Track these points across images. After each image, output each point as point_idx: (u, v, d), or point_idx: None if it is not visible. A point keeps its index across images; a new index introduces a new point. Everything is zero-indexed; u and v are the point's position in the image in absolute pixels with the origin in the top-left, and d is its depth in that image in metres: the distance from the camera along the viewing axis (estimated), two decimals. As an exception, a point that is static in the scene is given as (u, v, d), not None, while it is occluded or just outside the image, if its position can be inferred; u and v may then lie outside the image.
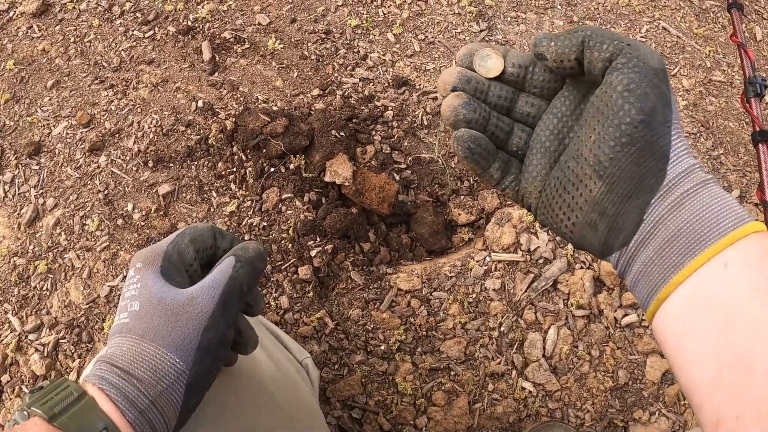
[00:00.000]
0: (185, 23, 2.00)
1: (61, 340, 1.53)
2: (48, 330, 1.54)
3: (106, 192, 1.67)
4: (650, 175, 0.62)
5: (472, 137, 0.72)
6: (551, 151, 0.73)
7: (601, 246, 0.67)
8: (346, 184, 1.58)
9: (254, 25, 2.02)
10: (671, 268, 0.61)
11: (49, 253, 1.62)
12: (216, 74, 1.90)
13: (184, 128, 1.76)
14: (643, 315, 1.51)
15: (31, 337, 1.54)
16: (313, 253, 1.56)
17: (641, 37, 2.12)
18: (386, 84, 1.90)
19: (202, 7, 2.05)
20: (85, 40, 1.99)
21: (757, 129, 1.62)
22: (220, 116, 1.78)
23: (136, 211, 1.64)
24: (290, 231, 1.60)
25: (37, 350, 1.52)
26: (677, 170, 0.62)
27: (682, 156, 0.63)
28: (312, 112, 1.76)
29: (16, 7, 2.09)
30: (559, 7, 2.15)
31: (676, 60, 2.08)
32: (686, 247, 0.60)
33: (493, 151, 0.74)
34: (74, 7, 2.07)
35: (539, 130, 0.75)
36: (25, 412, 0.66)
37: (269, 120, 1.69)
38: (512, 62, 0.76)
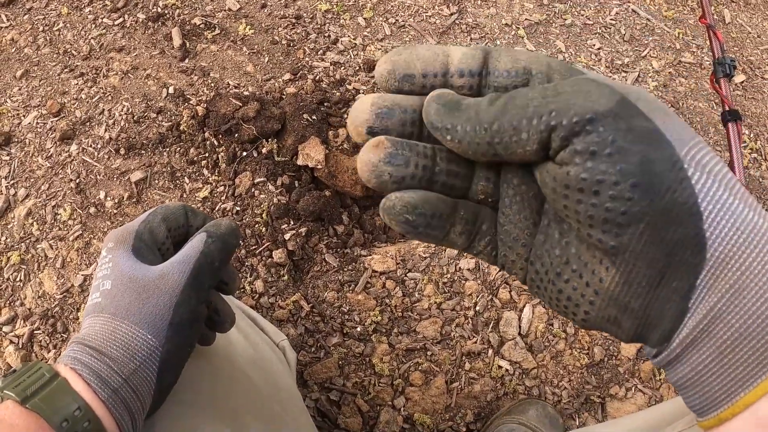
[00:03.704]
0: (155, 10, 1.99)
1: (35, 331, 1.52)
2: (22, 321, 1.53)
3: (78, 181, 1.66)
4: (682, 248, 0.41)
5: (407, 207, 0.49)
6: (531, 198, 0.50)
7: (630, 340, 0.47)
8: (319, 167, 1.58)
9: (224, 10, 2.01)
10: (737, 383, 0.42)
11: (22, 244, 1.61)
12: (186, 60, 1.89)
13: (155, 115, 1.75)
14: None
15: (5, 329, 1.53)
16: (287, 236, 1.56)
17: (611, 20, 2.13)
18: (357, 68, 1.90)
19: (172, -6, 2.04)
20: (54, 28, 1.98)
21: (726, 109, 1.64)
22: (191, 102, 1.77)
23: (109, 199, 1.63)
24: (264, 215, 1.59)
25: (11, 342, 1.51)
26: (722, 227, 0.41)
27: (721, 200, 0.41)
28: (283, 97, 1.76)
29: (-17, -2, 2.07)
30: (529, -11, 2.17)
31: (646, 42, 2.10)
32: (757, 355, 0.41)
33: (447, 211, 0.51)
34: (42, -4, 2.06)
35: (508, 167, 0.51)
36: (-2, 396, 0.66)
37: (241, 105, 1.68)
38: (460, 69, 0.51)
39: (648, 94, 0.43)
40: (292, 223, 1.59)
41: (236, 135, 1.67)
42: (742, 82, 2.08)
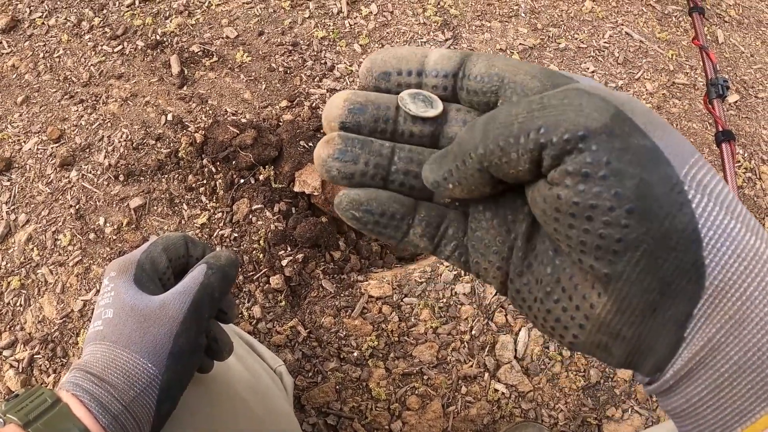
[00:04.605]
0: (154, 37, 2.01)
1: (35, 356, 1.52)
2: (22, 346, 1.54)
3: (77, 207, 1.67)
4: (679, 276, 0.38)
5: (353, 203, 0.48)
6: (505, 203, 0.47)
7: (620, 366, 0.43)
8: (316, 193, 1.59)
9: (222, 38, 2.03)
10: (734, 417, 0.39)
11: (22, 269, 1.62)
12: (185, 88, 1.90)
13: (154, 142, 1.77)
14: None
15: (5, 353, 1.53)
16: (284, 262, 1.57)
17: (605, 43, 2.15)
18: (354, 94, 1.91)
19: (170, 22, 2.05)
20: (55, 55, 2.00)
21: (720, 129, 1.66)
22: (189, 129, 1.79)
23: (108, 225, 1.64)
24: (261, 241, 1.61)
25: (12, 366, 1.52)
26: (723, 254, 0.37)
27: (722, 225, 0.38)
28: (280, 124, 1.78)
29: (-16, 24, 2.09)
30: (523, 15, 2.18)
31: (640, 64, 2.12)
32: (756, 389, 0.38)
33: (401, 211, 0.49)
34: (43, 23, 2.07)
35: None
36: (0, 420, 0.67)
37: (238, 132, 1.70)
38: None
39: (642, 105, 0.40)
40: (289, 249, 1.60)
41: (234, 162, 1.68)
42: (736, 101, 2.10)
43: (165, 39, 2.02)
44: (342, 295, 1.57)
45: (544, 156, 0.38)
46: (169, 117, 1.82)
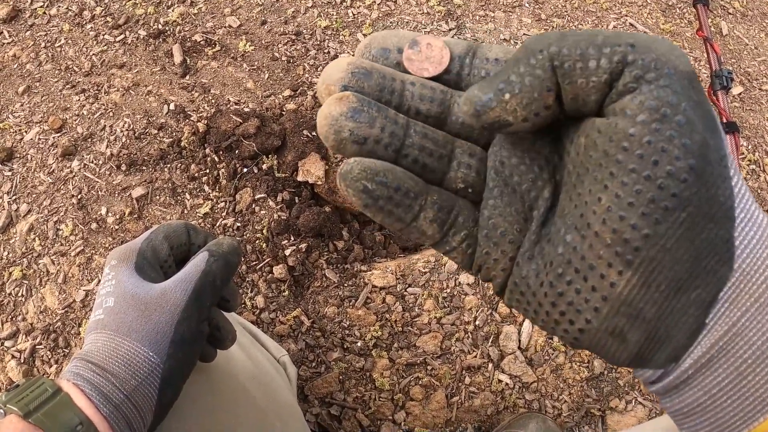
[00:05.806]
0: (156, 27, 2.00)
1: (37, 346, 1.52)
2: (24, 336, 1.53)
3: (79, 196, 1.67)
4: (711, 253, 0.37)
5: (366, 172, 0.42)
6: (524, 191, 0.44)
7: (630, 360, 0.41)
8: (319, 183, 1.59)
9: (225, 27, 2.02)
10: (756, 407, 0.38)
11: (24, 259, 1.62)
12: (187, 77, 1.89)
13: (156, 131, 1.76)
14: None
15: (7, 343, 1.53)
16: (287, 252, 1.57)
17: (609, 32, 2.14)
18: (357, 83, 1.90)
19: (173, 11, 2.04)
20: (56, 45, 1.99)
21: (724, 121, 1.65)
22: (192, 119, 1.78)
23: (110, 214, 1.64)
24: (264, 231, 1.60)
25: (13, 357, 1.51)
26: (751, 238, 0.37)
27: (750, 210, 0.37)
28: (283, 113, 1.77)
29: (-15, 14, 2.08)
30: (527, 5, 2.17)
31: (644, 55, 2.11)
32: None
33: (415, 189, 0.44)
34: (44, 13, 2.06)
35: (497, 157, 0.45)
36: (1, 410, 0.67)
37: (241, 121, 1.69)
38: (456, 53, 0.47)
39: None
40: (292, 238, 1.59)
41: (237, 151, 1.68)
42: (740, 93, 2.09)
43: (167, 28, 2.01)
44: (345, 285, 1.57)
45: (625, 73, 0.36)
46: (172, 106, 1.81)
